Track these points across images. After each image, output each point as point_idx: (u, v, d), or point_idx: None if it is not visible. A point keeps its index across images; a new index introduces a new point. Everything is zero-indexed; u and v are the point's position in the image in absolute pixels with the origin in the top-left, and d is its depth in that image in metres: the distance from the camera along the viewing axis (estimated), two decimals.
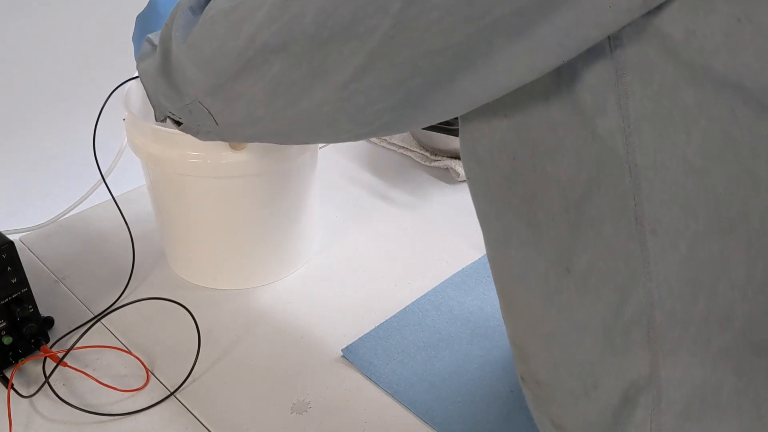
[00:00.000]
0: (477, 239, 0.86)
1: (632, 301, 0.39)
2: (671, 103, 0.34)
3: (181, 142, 0.68)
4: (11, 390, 0.64)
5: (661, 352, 0.40)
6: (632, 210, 0.37)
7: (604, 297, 0.40)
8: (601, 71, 0.35)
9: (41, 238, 0.86)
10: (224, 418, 0.63)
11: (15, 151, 0.99)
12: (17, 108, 0.97)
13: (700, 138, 0.34)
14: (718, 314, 0.38)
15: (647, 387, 0.41)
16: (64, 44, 0.98)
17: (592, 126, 0.37)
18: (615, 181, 0.37)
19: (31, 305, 0.66)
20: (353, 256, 0.83)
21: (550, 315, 0.44)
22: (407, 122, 0.42)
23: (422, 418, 0.63)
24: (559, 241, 0.41)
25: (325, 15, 0.38)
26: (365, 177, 0.98)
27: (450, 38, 0.35)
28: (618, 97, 0.35)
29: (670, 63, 0.33)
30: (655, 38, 0.33)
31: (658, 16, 0.33)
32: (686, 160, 0.35)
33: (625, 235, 0.38)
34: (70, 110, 1.01)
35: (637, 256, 0.38)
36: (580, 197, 0.39)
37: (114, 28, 1.01)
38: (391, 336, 0.71)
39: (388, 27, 0.36)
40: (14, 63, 0.95)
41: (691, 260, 0.37)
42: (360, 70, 0.39)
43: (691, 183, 0.35)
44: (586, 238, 0.40)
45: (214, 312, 0.75)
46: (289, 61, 0.41)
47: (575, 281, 0.41)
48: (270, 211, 0.75)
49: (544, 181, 0.40)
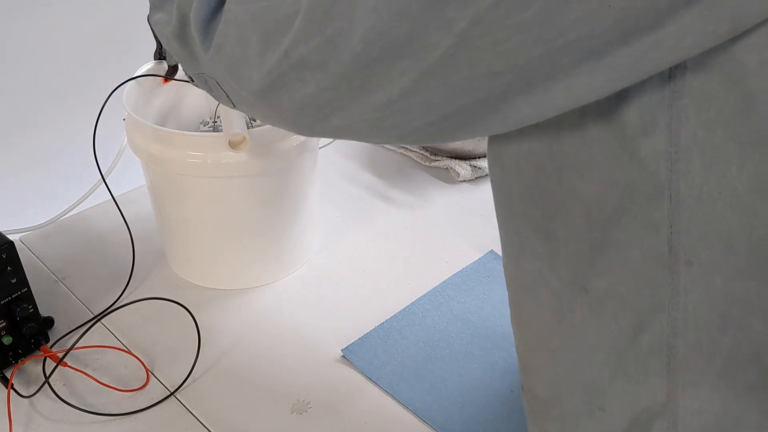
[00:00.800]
0: (477, 239, 0.87)
1: (652, 329, 0.38)
2: (726, 133, 0.32)
3: (181, 142, 0.68)
4: (11, 390, 0.64)
5: (681, 382, 0.39)
6: (666, 238, 0.36)
7: (621, 321, 0.39)
8: (654, 90, 0.33)
9: (41, 238, 0.86)
10: (224, 418, 0.63)
11: (15, 151, 1.00)
12: (17, 108, 0.97)
13: (753, 173, 0.32)
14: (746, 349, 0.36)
15: (662, 414, 0.40)
16: (64, 44, 0.98)
17: (633, 147, 0.35)
18: (650, 207, 0.35)
19: (31, 305, 0.66)
20: (353, 256, 0.83)
21: (560, 332, 0.43)
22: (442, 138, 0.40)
23: (422, 418, 0.63)
24: (578, 260, 0.40)
25: (376, 33, 0.34)
26: (365, 177, 0.98)
27: (514, 59, 0.33)
28: (669, 120, 0.33)
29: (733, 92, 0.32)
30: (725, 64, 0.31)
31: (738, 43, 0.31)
32: (734, 194, 0.33)
33: (653, 262, 0.37)
34: (70, 110, 1.01)
35: (665, 285, 0.37)
36: (606, 218, 0.37)
37: (114, 28, 1.02)
38: (391, 336, 0.71)
39: (448, 46, 0.33)
40: (14, 63, 0.95)
41: (725, 295, 0.36)
42: (407, 89, 0.36)
43: (737, 219, 0.34)
44: (609, 261, 0.38)
45: (214, 312, 0.75)
46: (327, 82, 0.38)
47: (591, 302, 0.40)
48: (270, 211, 0.75)
49: (570, 196, 0.38)
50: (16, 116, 0.97)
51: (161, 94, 0.82)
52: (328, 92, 0.38)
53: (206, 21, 0.46)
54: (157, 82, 0.80)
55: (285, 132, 0.69)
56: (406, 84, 0.36)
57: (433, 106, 0.36)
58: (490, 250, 0.83)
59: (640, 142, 0.34)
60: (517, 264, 0.44)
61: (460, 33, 0.32)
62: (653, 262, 0.37)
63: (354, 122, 0.40)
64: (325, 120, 0.41)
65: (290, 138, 0.70)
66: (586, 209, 0.38)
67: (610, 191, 0.36)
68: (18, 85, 0.96)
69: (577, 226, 0.39)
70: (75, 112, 1.00)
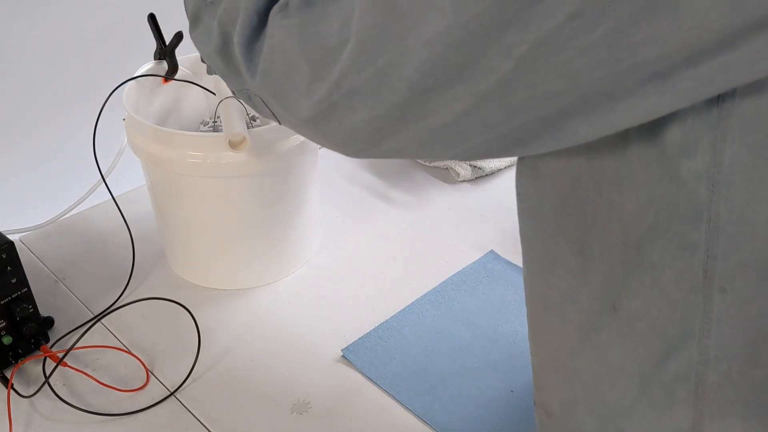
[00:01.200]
0: (477, 239, 0.87)
1: (681, 356, 0.37)
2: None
3: (181, 142, 0.68)
4: (11, 390, 0.64)
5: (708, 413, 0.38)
6: (702, 262, 0.34)
7: (649, 345, 0.38)
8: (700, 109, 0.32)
9: (41, 238, 0.86)
10: (224, 418, 0.63)
11: (15, 151, 1.00)
12: (17, 108, 0.97)
13: None
14: None
15: None
16: (64, 44, 0.98)
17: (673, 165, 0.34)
18: (687, 228, 0.34)
19: (31, 305, 0.66)
20: (353, 256, 0.83)
21: (583, 351, 0.42)
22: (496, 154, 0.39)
23: (422, 418, 0.63)
24: (611, 277, 0.38)
25: (432, 64, 0.33)
26: (365, 177, 0.98)
27: (576, 80, 0.32)
28: (714, 140, 0.32)
29: None
30: None
31: None
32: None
33: (687, 286, 0.35)
34: (70, 110, 1.01)
35: (697, 311, 0.36)
36: (642, 236, 0.36)
37: (114, 28, 1.02)
38: (391, 336, 0.71)
39: (508, 70, 0.32)
40: (14, 63, 0.95)
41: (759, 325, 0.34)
42: (463, 113, 0.35)
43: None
44: (641, 281, 0.37)
45: (214, 312, 0.75)
46: (380, 110, 0.37)
47: (620, 322, 0.39)
48: (270, 211, 0.75)
49: (609, 210, 0.37)
50: (16, 116, 0.97)
51: (161, 94, 0.82)
52: (381, 119, 0.38)
53: (249, 44, 0.45)
54: (157, 82, 0.80)
55: (285, 132, 0.69)
56: (462, 108, 0.35)
57: (489, 126, 0.36)
58: (490, 250, 0.83)
59: (681, 162, 0.33)
60: (543, 278, 0.43)
61: (520, 56, 0.31)
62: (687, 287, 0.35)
63: (406, 145, 0.39)
64: (376, 145, 0.40)
65: (290, 138, 0.70)
66: (622, 225, 0.37)
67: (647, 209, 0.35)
68: (18, 85, 0.96)
69: (612, 241, 0.38)
70: (75, 112, 1.00)
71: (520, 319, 0.74)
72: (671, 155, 0.34)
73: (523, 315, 0.74)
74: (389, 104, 0.37)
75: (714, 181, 0.33)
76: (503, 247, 0.84)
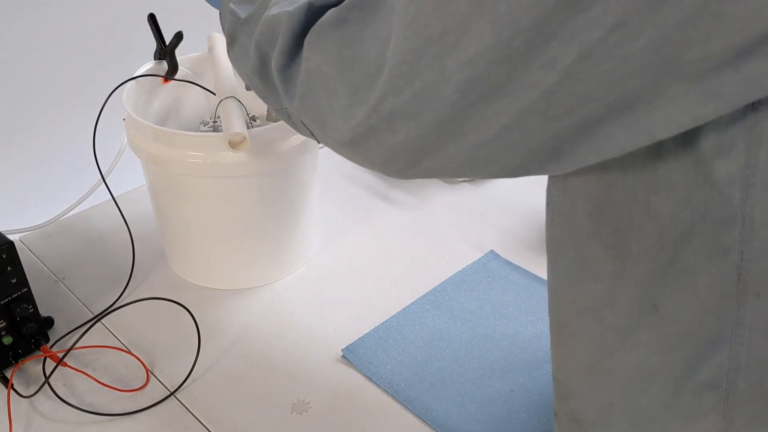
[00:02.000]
0: (477, 239, 0.87)
1: (713, 362, 0.37)
2: None
3: (181, 142, 0.68)
4: (11, 390, 0.64)
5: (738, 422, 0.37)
6: (736, 265, 0.34)
7: (681, 350, 0.38)
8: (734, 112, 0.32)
9: (41, 238, 0.86)
10: (224, 418, 0.63)
11: (15, 151, 1.00)
12: (17, 108, 0.97)
13: None
14: None
15: None
16: (64, 44, 0.98)
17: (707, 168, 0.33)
18: (721, 231, 0.34)
19: (31, 305, 0.66)
20: (353, 256, 0.83)
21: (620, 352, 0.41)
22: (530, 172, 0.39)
23: (422, 418, 0.63)
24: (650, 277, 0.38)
25: (473, 82, 0.34)
26: (365, 177, 0.98)
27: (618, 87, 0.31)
28: (748, 143, 0.32)
29: None
30: None
31: None
32: None
33: (721, 290, 0.35)
34: (70, 110, 1.01)
35: (730, 316, 0.35)
36: (678, 237, 0.36)
37: (114, 28, 1.02)
38: (391, 336, 0.71)
39: (552, 82, 0.32)
40: (14, 63, 0.95)
41: None
42: (506, 128, 0.35)
43: None
44: (677, 283, 0.37)
45: (214, 312, 0.75)
46: (420, 130, 0.37)
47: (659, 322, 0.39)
48: (270, 211, 0.75)
49: (645, 211, 0.37)
50: (16, 116, 0.98)
51: (161, 94, 0.82)
52: (422, 138, 0.38)
53: (286, 68, 0.46)
54: (157, 82, 0.80)
55: (285, 132, 0.69)
56: (505, 123, 0.35)
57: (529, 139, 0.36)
58: (490, 250, 0.83)
59: (715, 164, 0.33)
60: (574, 285, 0.43)
61: (565, 68, 0.31)
62: (720, 290, 0.35)
63: (446, 163, 0.39)
64: (417, 164, 0.40)
65: (290, 138, 0.70)
66: (659, 225, 0.37)
67: (682, 210, 0.35)
68: (18, 85, 0.96)
69: (649, 243, 0.37)
70: (75, 112, 1.00)
71: (520, 319, 0.74)
72: (706, 158, 0.34)
73: (523, 315, 0.74)
74: (429, 124, 0.37)
75: (748, 183, 0.33)
76: (503, 247, 0.84)
